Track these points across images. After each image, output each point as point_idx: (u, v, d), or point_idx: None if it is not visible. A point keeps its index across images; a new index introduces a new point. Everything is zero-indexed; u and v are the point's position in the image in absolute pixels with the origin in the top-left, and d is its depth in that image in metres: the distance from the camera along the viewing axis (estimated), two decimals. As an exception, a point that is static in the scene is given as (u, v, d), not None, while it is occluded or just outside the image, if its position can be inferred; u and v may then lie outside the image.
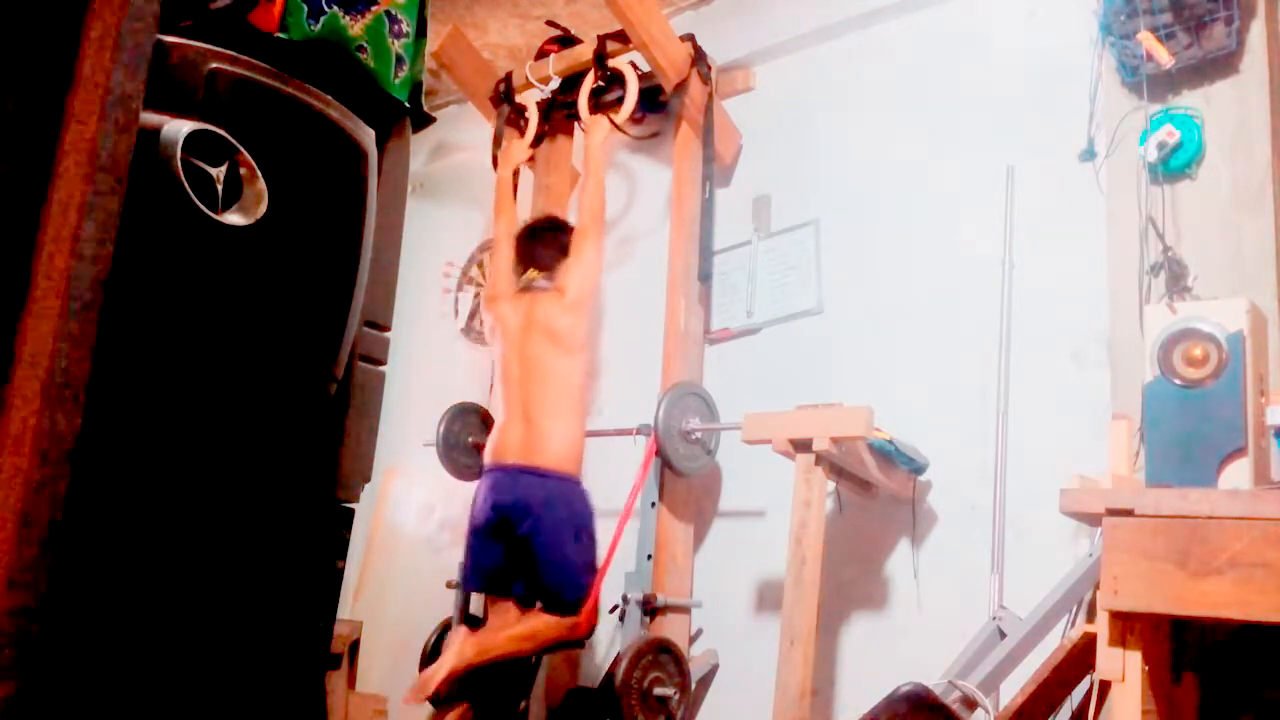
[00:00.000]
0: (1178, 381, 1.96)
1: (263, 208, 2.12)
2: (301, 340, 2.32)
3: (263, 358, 2.22)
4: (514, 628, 2.92)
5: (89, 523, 1.75)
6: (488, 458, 3.09)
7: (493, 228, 3.49)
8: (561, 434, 2.98)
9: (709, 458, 3.25)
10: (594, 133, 3.42)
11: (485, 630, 2.98)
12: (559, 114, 3.82)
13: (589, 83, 3.58)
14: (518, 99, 3.85)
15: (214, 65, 2.13)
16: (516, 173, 3.68)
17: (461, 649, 2.83)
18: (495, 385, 3.18)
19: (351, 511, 2.59)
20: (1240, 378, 1.90)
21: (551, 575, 2.87)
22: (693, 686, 2.99)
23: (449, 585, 3.40)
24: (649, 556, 3.10)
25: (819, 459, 2.63)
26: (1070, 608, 2.28)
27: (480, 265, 4.30)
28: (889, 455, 2.71)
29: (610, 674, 2.82)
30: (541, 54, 3.82)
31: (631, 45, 3.39)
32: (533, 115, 3.79)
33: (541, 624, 2.88)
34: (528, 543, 2.91)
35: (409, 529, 4.29)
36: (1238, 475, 1.87)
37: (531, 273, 3.23)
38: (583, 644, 3.07)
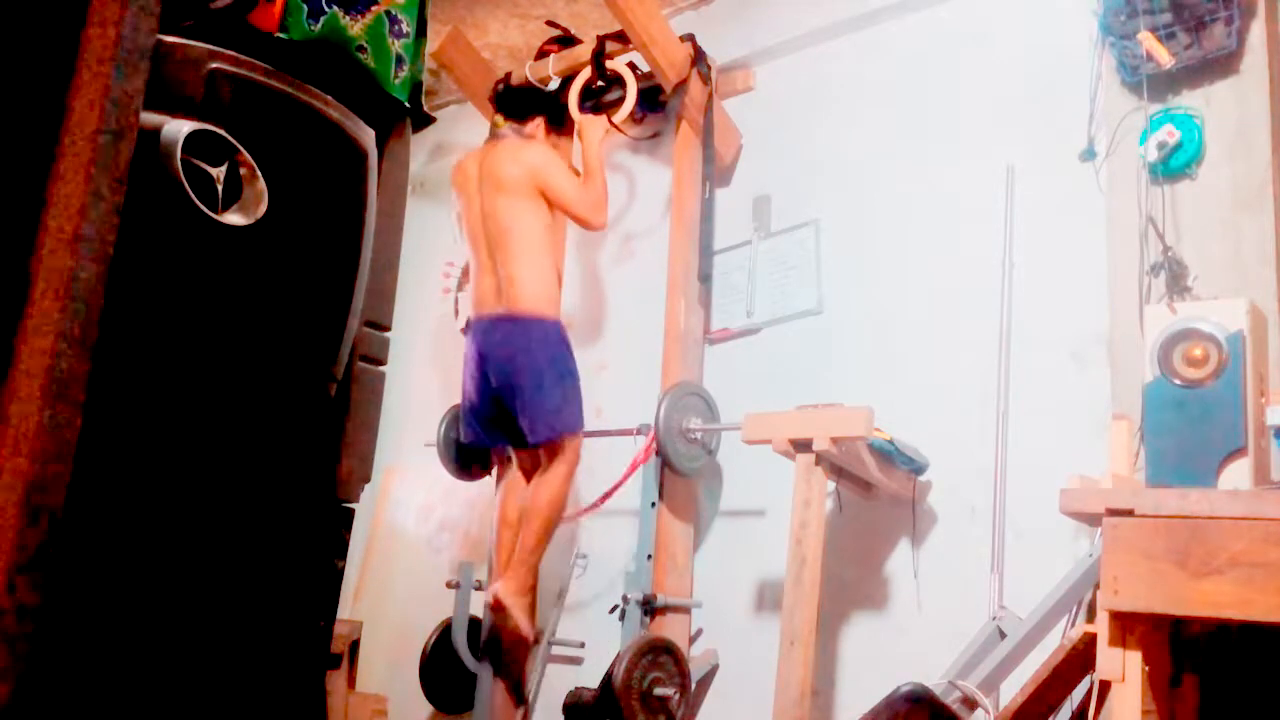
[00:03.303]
0: (1178, 381, 1.96)
1: (263, 208, 2.12)
2: (301, 340, 2.32)
3: (263, 358, 2.22)
4: (526, 540, 3.01)
5: (89, 523, 1.75)
6: (470, 312, 3.22)
7: None
8: (531, 278, 3.05)
9: (709, 457, 3.26)
10: (589, 132, 3.41)
11: (508, 573, 3.03)
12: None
13: (579, 82, 3.57)
14: (517, 99, 3.85)
15: (214, 65, 2.13)
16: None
17: (510, 598, 2.97)
18: (463, 244, 3.28)
19: (351, 511, 2.59)
20: (1240, 378, 1.90)
21: (535, 413, 2.99)
22: (693, 686, 2.99)
23: (449, 585, 3.40)
24: (649, 556, 3.10)
25: (819, 459, 2.63)
26: (1070, 608, 2.28)
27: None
28: (889, 455, 2.71)
29: (610, 674, 2.82)
30: (541, 54, 3.81)
31: (631, 45, 3.39)
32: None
33: (540, 505, 3.01)
34: (510, 386, 3.01)
35: (409, 529, 4.28)
36: (1238, 475, 1.87)
37: (499, 119, 3.29)
38: None
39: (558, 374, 3.02)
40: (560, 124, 3.32)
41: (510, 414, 3.06)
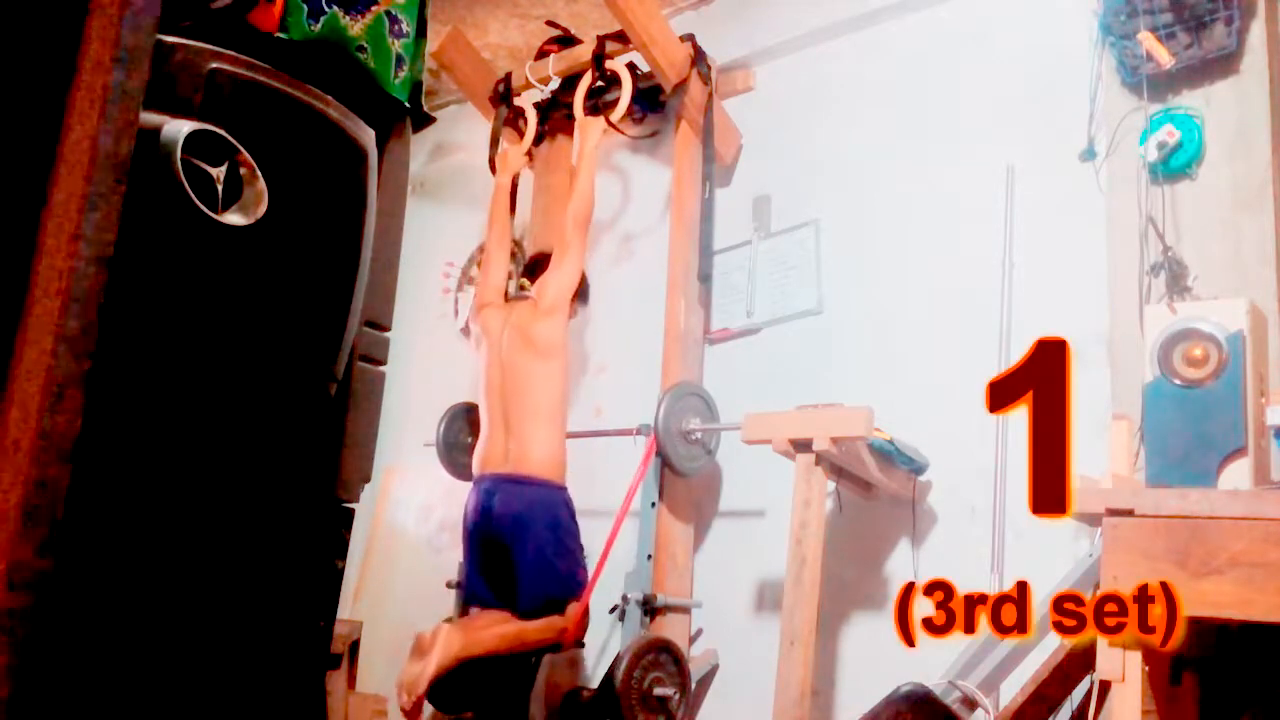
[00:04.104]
0: (1178, 381, 1.96)
1: (263, 208, 2.12)
2: (302, 340, 2.32)
3: (263, 358, 2.22)
4: (501, 626, 2.93)
5: (89, 523, 1.75)
6: (475, 467, 3.14)
7: (485, 234, 3.49)
8: (541, 442, 3.01)
9: (709, 458, 3.25)
10: (588, 136, 3.41)
11: (471, 625, 2.98)
12: (559, 114, 3.82)
13: (585, 84, 3.57)
14: (517, 100, 3.85)
15: (214, 65, 2.13)
16: (516, 177, 3.68)
17: (448, 642, 2.81)
18: (480, 394, 3.21)
19: (351, 511, 2.59)
20: (1240, 378, 1.90)
21: (531, 582, 2.91)
22: (693, 686, 2.99)
23: (449, 585, 3.40)
24: (649, 556, 3.10)
25: (819, 459, 2.62)
26: (1070, 608, 2.28)
27: (480, 265, 4.30)
28: (889, 455, 2.71)
29: (610, 674, 2.82)
30: (541, 54, 3.81)
31: (631, 45, 3.39)
32: (530, 118, 3.79)
33: (529, 625, 2.91)
34: (509, 551, 2.94)
35: (409, 529, 4.28)
36: (1238, 475, 1.87)
37: (524, 281, 3.31)
38: (563, 648, 3.04)
39: (559, 545, 2.96)
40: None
41: (508, 570, 2.99)
